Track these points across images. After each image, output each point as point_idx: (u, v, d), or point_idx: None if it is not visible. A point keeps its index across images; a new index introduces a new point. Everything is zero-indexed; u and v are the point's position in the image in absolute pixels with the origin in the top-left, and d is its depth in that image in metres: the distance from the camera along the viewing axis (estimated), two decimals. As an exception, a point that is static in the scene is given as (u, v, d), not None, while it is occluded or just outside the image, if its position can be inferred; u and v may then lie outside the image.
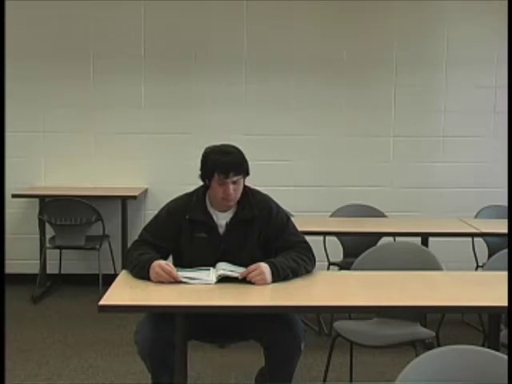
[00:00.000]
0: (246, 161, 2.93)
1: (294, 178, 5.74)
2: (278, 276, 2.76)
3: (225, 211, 2.97)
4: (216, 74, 5.65)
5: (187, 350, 2.69)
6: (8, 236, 4.87)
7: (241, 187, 2.93)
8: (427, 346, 3.71)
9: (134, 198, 5.43)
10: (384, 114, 5.73)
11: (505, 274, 2.89)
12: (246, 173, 2.94)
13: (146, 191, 5.72)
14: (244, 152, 2.97)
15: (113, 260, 5.41)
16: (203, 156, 2.95)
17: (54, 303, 5.23)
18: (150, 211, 5.19)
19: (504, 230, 4.10)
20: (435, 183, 5.79)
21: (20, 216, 5.71)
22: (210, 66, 5.65)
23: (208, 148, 2.98)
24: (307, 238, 3.04)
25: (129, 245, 3.11)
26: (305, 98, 5.70)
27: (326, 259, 4.76)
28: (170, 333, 2.62)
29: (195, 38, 5.63)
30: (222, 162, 2.86)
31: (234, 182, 2.88)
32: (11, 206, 5.46)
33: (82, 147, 5.72)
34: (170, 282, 2.71)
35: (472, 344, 1.98)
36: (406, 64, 5.68)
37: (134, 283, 2.76)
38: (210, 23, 5.62)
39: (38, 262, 5.44)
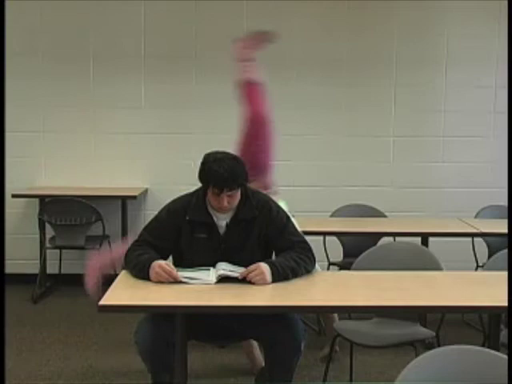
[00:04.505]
0: (243, 173, 2.88)
1: (294, 177, 5.74)
2: (278, 276, 2.76)
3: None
4: (216, 74, 5.64)
5: (187, 350, 2.69)
6: (8, 236, 4.88)
7: (237, 197, 2.91)
8: (427, 346, 3.70)
9: (134, 197, 5.43)
10: (384, 114, 5.73)
11: (505, 273, 2.89)
12: (244, 184, 2.92)
13: (146, 191, 5.72)
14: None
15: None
16: (201, 164, 2.91)
17: (54, 303, 5.22)
18: (150, 211, 5.18)
19: (504, 230, 4.10)
20: (435, 183, 5.79)
21: (20, 216, 5.70)
22: (210, 66, 5.64)
23: (207, 156, 2.92)
24: (307, 238, 3.04)
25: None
26: (305, 98, 5.70)
27: (326, 259, 4.76)
28: (170, 333, 2.62)
29: (195, 37, 5.63)
30: (217, 178, 2.81)
31: (229, 195, 2.86)
32: (11, 206, 5.45)
33: (82, 147, 5.71)
34: (170, 282, 2.71)
35: (472, 344, 1.97)
36: (406, 63, 5.68)
37: (133, 283, 2.76)
38: (210, 23, 5.62)
39: (38, 262, 5.43)
